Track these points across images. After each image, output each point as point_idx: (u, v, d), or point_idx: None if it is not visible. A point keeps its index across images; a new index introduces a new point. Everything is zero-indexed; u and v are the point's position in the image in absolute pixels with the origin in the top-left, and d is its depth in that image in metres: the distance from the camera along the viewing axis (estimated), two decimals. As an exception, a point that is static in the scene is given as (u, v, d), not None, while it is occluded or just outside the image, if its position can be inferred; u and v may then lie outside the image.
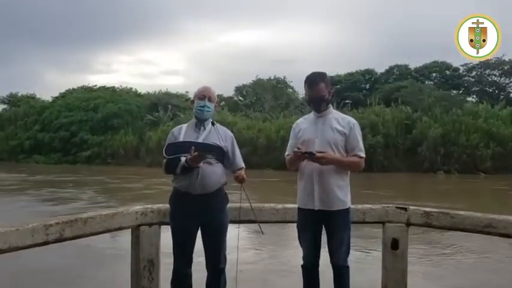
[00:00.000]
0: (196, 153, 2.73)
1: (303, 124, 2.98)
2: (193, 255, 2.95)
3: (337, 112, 2.98)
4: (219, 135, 2.92)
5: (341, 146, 2.83)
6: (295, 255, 3.11)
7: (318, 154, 2.73)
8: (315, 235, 2.86)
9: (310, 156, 2.73)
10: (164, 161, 2.92)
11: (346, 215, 2.84)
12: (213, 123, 2.95)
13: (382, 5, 65.02)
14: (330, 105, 2.95)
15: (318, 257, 2.89)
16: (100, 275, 5.08)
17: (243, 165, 3.02)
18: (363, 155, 2.85)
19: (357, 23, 65.39)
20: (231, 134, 3.06)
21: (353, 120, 2.92)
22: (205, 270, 2.99)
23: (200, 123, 2.98)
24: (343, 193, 2.82)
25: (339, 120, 2.89)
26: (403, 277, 3.11)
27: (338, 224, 2.81)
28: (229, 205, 3.02)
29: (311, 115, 2.98)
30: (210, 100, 2.97)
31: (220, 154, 2.91)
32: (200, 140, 2.91)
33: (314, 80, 2.86)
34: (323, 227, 2.85)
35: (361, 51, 56.89)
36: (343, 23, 66.83)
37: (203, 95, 2.98)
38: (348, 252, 2.85)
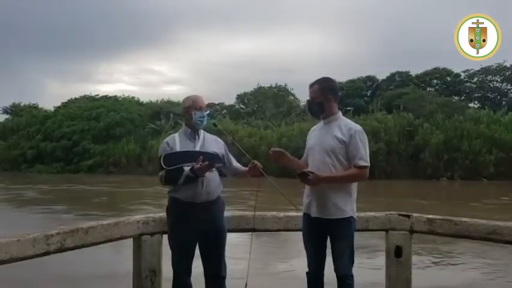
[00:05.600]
0: (206, 162, 2.74)
1: (313, 131, 2.99)
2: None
3: (344, 119, 2.90)
4: (216, 141, 3.04)
5: (340, 154, 2.75)
6: (301, 261, 3.08)
7: (310, 176, 2.67)
8: (317, 242, 2.83)
9: (303, 177, 2.69)
10: (162, 172, 2.87)
11: (347, 225, 2.76)
12: (215, 125, 3.19)
13: (383, 13, 65.31)
14: (339, 112, 2.90)
15: (322, 264, 2.85)
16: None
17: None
18: (363, 163, 2.73)
19: (358, 31, 65.60)
20: (221, 141, 3.10)
21: (356, 128, 2.78)
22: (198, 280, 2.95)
23: (194, 132, 2.99)
24: (342, 202, 2.74)
25: (342, 127, 2.81)
26: (408, 285, 3.08)
27: (338, 233, 2.75)
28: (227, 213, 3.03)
29: (321, 122, 2.95)
30: (204, 110, 3.02)
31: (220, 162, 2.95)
32: (197, 149, 2.91)
33: (312, 82, 2.89)
34: (327, 234, 2.81)
35: (362, 58, 56.89)
36: (343, 31, 67.15)
37: (200, 106, 3.00)
38: (352, 261, 2.80)
